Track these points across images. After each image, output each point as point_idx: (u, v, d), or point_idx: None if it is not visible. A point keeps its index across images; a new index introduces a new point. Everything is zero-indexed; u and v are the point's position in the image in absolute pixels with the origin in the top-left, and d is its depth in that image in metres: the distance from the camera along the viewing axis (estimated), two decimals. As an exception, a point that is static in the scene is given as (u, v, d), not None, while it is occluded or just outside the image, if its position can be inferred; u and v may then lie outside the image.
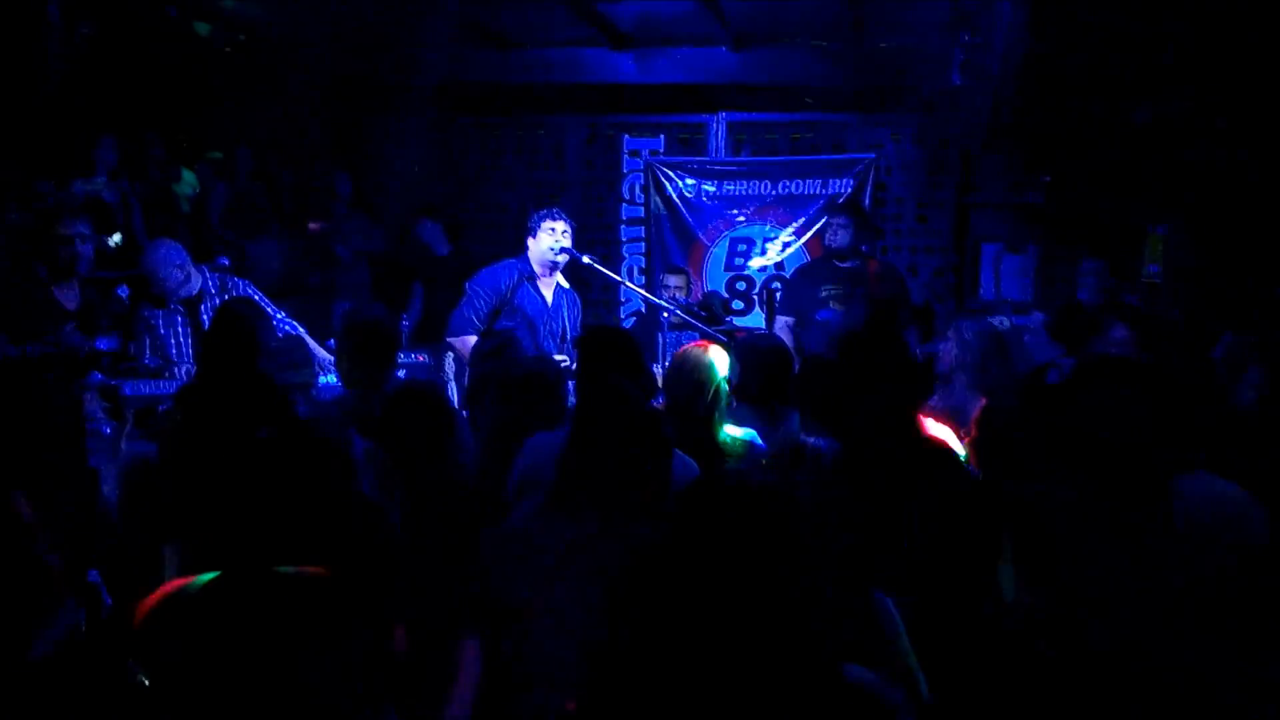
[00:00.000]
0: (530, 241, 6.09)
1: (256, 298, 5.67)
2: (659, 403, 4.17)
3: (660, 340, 6.33)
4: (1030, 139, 8.50)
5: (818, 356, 4.07)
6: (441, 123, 9.38)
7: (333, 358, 4.88)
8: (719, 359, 4.11)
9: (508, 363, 4.44)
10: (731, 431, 4.09)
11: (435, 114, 9.18)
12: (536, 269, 6.08)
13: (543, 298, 6.06)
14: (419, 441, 3.55)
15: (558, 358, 5.62)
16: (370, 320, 4.46)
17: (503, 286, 6.00)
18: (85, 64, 7.28)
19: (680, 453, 3.46)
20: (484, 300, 6.01)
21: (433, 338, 7.42)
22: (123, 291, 5.83)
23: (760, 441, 4.10)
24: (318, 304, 8.47)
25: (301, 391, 4.56)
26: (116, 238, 7.30)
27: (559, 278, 6.13)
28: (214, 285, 5.72)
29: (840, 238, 6.94)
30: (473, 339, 5.82)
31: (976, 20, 7.48)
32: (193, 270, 5.77)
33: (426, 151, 9.33)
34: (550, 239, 6.03)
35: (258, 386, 3.46)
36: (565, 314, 6.11)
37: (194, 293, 5.73)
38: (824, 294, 6.90)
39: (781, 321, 7.03)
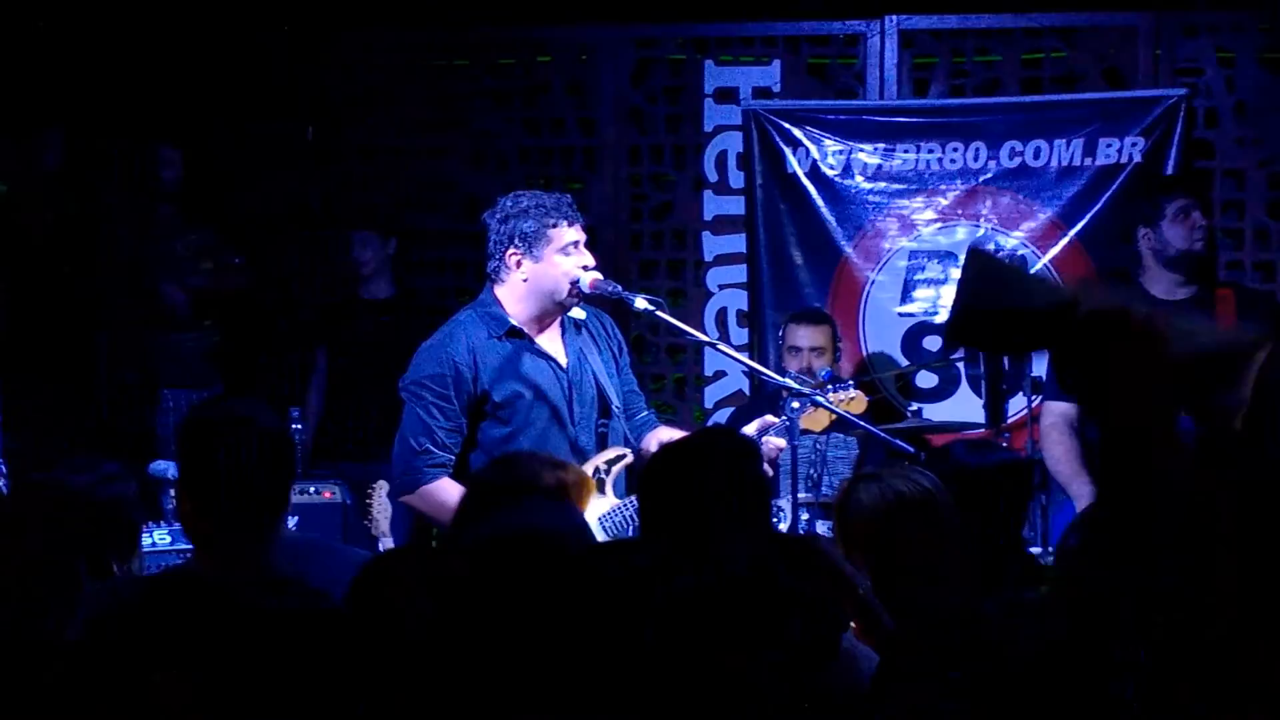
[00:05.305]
0: (518, 268, 5.53)
1: None
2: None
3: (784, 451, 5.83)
4: None
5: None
6: (352, 45, 8.80)
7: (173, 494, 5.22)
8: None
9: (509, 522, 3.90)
10: None
11: (338, 30, 8.72)
12: (525, 316, 5.56)
13: (551, 360, 5.59)
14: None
15: (608, 459, 5.46)
16: (248, 427, 3.89)
17: (464, 371, 5.50)
18: None
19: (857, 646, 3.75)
20: (441, 408, 5.50)
21: (339, 451, 7.61)
22: None
23: None
24: (123, 392, 8.31)
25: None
26: None
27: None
28: None
29: (1183, 238, 6.74)
30: (448, 489, 5.35)
31: None
32: None
33: (322, 97, 8.76)
34: (570, 260, 5.50)
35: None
36: (595, 361, 5.68)
37: None
38: None
39: (1057, 413, 6.63)
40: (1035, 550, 5.96)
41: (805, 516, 5.86)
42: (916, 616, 3.52)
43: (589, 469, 5.44)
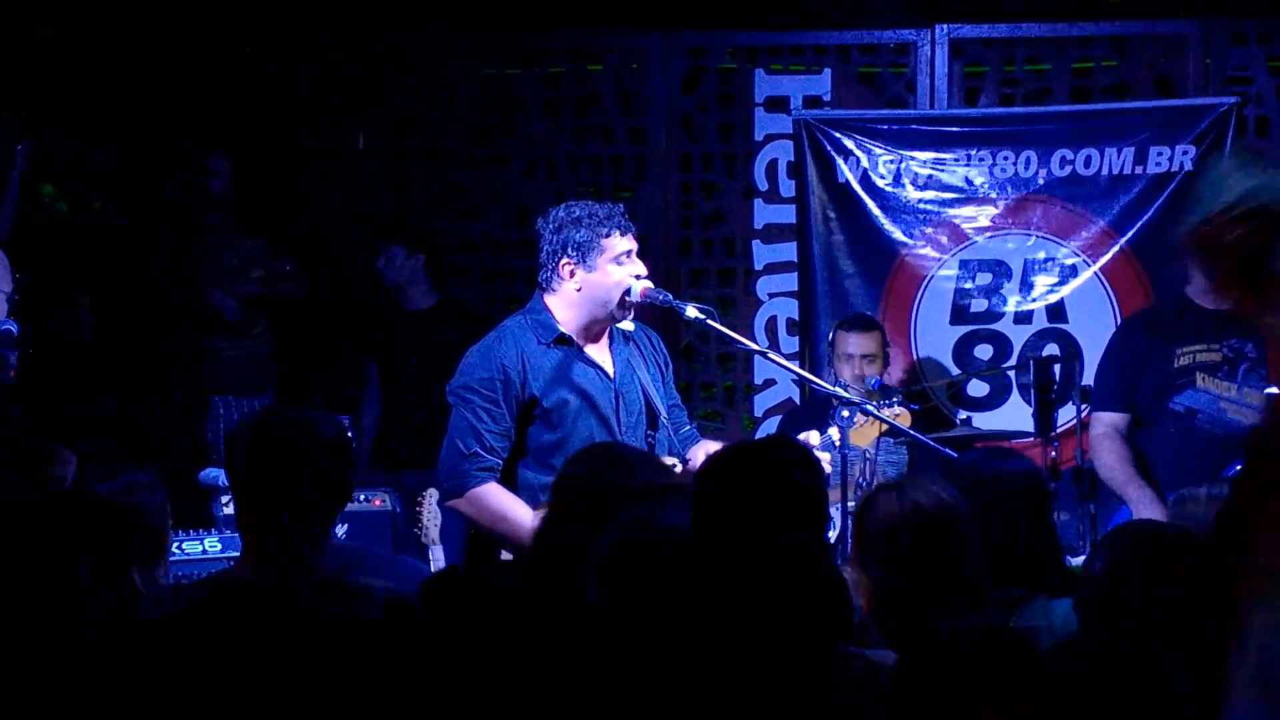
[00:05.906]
0: (571, 277, 5.54)
1: None
2: None
3: (834, 460, 5.77)
4: None
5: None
6: (402, 53, 8.79)
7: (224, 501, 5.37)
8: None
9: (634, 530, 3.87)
10: None
11: (389, 38, 8.73)
12: (575, 325, 5.58)
13: (599, 369, 5.61)
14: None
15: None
16: (307, 433, 3.98)
17: (513, 375, 5.50)
18: None
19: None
20: (489, 412, 5.49)
21: (393, 459, 7.66)
22: None
23: None
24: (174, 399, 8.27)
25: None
26: None
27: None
28: None
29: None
30: (497, 494, 5.41)
31: None
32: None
33: (352, 106, 8.80)
34: (623, 270, 5.53)
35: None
36: (643, 373, 5.71)
37: None
38: (1182, 359, 6.60)
39: (1107, 422, 6.61)
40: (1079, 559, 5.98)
41: (855, 524, 5.81)
42: (928, 634, 3.47)
43: None
